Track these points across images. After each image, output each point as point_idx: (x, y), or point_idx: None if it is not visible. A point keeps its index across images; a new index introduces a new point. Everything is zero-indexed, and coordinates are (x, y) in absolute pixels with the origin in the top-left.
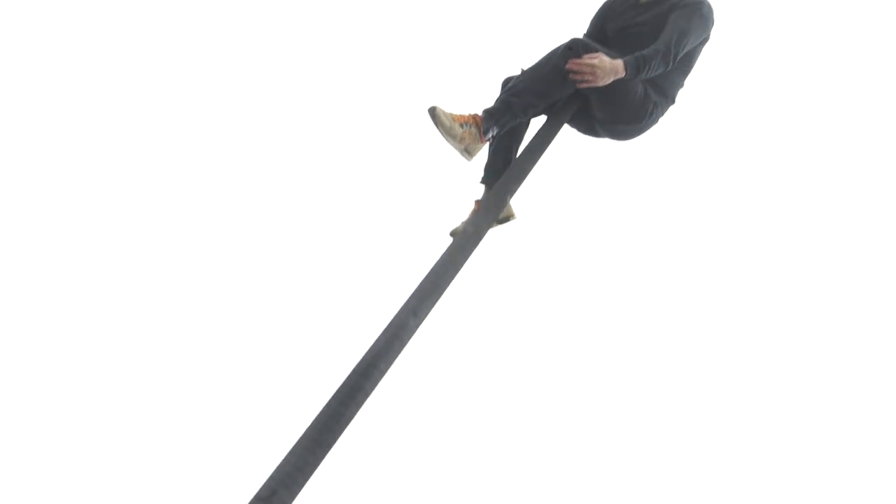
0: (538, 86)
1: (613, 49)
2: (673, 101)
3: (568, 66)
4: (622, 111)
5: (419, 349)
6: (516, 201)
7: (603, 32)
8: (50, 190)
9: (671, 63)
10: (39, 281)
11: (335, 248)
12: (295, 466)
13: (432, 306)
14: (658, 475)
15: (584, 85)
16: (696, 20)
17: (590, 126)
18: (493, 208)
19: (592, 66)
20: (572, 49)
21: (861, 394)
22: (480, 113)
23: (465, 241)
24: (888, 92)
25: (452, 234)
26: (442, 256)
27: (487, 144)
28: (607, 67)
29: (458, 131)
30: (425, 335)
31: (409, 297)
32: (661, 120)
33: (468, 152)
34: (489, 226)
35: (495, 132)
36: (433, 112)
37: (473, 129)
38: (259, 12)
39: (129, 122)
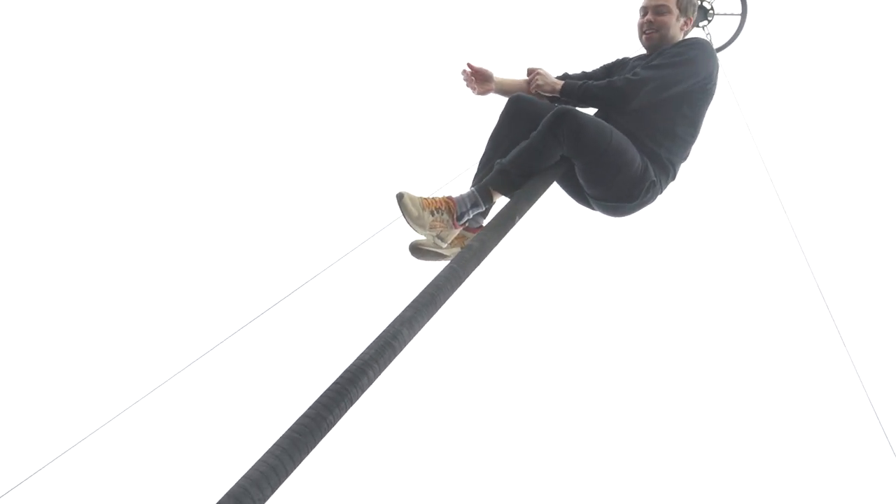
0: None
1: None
2: (674, 178)
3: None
4: (615, 186)
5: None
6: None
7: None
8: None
9: (626, 101)
10: None
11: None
12: (271, 467)
13: (428, 318)
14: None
15: (535, 83)
16: (682, 62)
17: (583, 197)
18: (501, 227)
19: (541, 70)
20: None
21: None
22: (455, 196)
23: (469, 255)
24: None
25: (413, 246)
26: (444, 270)
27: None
28: (550, 76)
29: (427, 220)
30: (420, 344)
31: (406, 308)
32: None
33: (441, 239)
34: (495, 243)
35: (472, 216)
36: (400, 199)
37: (445, 216)
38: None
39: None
